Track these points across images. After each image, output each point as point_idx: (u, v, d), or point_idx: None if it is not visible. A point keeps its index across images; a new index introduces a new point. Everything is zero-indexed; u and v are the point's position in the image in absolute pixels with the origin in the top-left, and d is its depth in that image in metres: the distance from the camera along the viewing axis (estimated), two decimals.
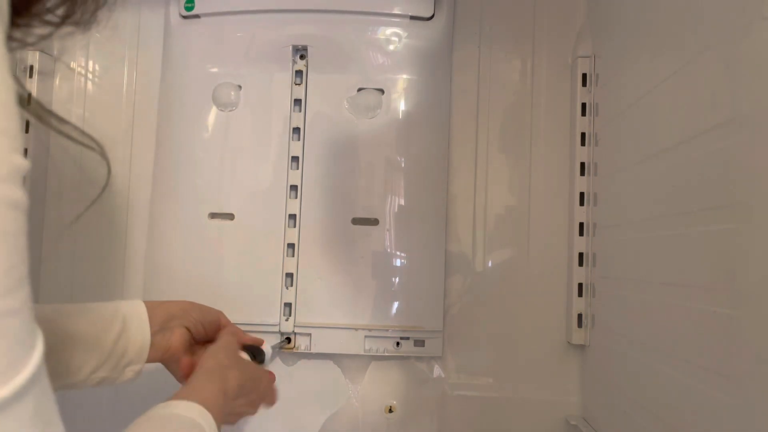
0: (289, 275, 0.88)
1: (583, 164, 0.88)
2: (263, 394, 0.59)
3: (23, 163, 0.22)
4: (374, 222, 0.88)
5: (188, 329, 0.61)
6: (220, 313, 0.66)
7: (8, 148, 0.21)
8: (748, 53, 0.47)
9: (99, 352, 0.52)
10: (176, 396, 0.45)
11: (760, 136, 0.45)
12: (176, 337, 0.59)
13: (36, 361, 0.23)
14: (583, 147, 0.89)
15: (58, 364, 0.49)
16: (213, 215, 0.90)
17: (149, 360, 0.57)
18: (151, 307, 0.58)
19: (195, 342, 0.62)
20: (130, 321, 0.56)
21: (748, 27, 0.46)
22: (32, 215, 0.92)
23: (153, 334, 0.57)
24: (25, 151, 0.92)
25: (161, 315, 0.59)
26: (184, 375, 0.58)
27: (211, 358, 0.54)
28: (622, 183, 0.75)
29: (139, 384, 0.57)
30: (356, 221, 0.89)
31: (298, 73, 0.91)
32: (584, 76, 0.89)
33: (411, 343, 0.88)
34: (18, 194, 0.22)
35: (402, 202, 0.89)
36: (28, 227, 0.23)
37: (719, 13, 0.51)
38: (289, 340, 0.87)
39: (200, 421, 0.43)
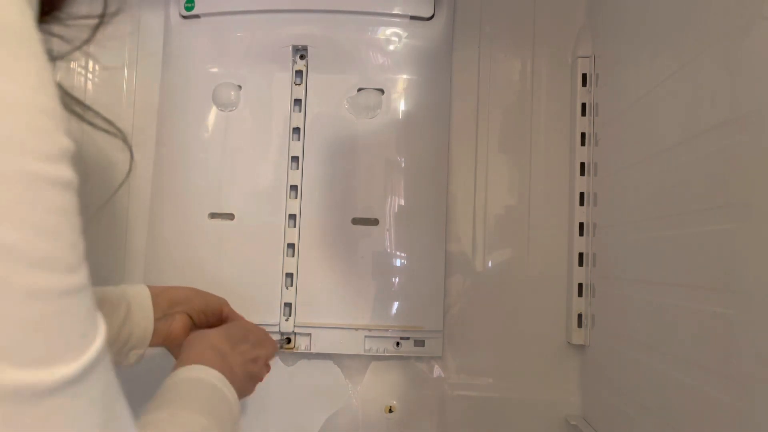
0: (289, 275, 0.88)
1: (583, 164, 0.88)
2: (258, 340, 0.60)
3: (71, 144, 0.22)
4: (374, 222, 0.88)
5: (190, 316, 0.62)
6: (223, 301, 0.68)
7: (56, 128, 0.21)
8: (748, 53, 0.47)
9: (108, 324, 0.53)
10: (177, 366, 0.47)
11: (760, 136, 0.45)
12: (178, 324, 0.61)
13: (102, 337, 0.24)
14: (583, 147, 0.89)
15: None
16: (213, 215, 0.90)
17: (152, 344, 0.58)
18: (156, 293, 0.60)
19: (197, 328, 0.64)
20: (135, 306, 0.57)
21: (748, 27, 0.46)
22: None
23: (156, 320, 0.58)
24: None
25: (164, 301, 0.60)
26: None
27: (194, 335, 0.55)
28: (622, 183, 0.75)
29: (143, 367, 0.58)
30: (356, 221, 0.89)
31: (298, 73, 0.91)
32: (584, 76, 0.89)
33: (411, 343, 0.88)
34: (69, 174, 0.22)
35: (402, 202, 0.89)
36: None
37: (719, 13, 0.51)
38: (288, 340, 0.87)
39: (206, 377, 0.45)
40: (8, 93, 0.19)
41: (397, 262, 0.89)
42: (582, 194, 0.88)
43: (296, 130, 0.90)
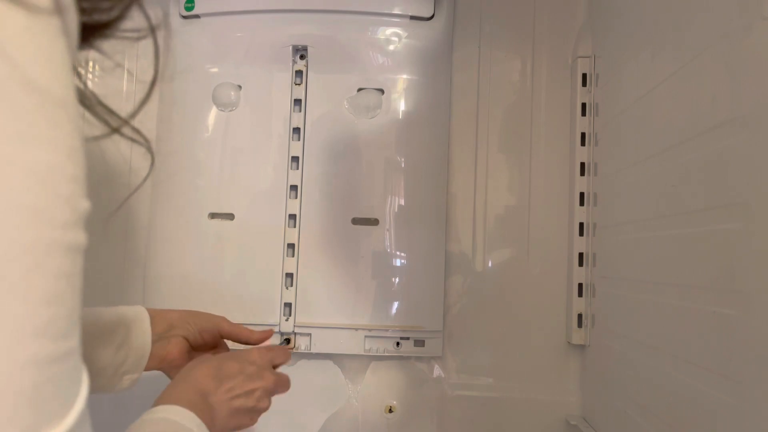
0: (289, 275, 0.88)
1: (583, 164, 0.88)
2: (257, 371, 0.57)
3: (88, 206, 0.22)
4: (374, 222, 0.88)
5: (186, 338, 0.61)
6: (221, 319, 0.65)
7: (79, 193, 0.21)
8: (748, 53, 0.47)
9: (99, 360, 0.52)
10: (156, 403, 0.45)
11: (760, 136, 0.45)
12: (174, 347, 0.59)
13: (84, 395, 0.23)
14: (583, 147, 0.89)
15: None
16: (213, 215, 0.90)
17: (147, 368, 0.57)
18: (152, 315, 0.58)
19: (194, 350, 0.62)
20: (134, 330, 0.56)
21: (748, 27, 0.46)
22: None
23: (152, 343, 0.57)
24: None
25: (161, 324, 0.58)
26: None
27: (180, 373, 0.53)
28: (622, 183, 0.75)
29: (137, 391, 0.56)
30: (356, 221, 0.89)
31: (298, 73, 0.91)
32: (584, 76, 0.89)
33: (411, 343, 0.88)
34: (81, 237, 0.22)
35: (402, 202, 0.89)
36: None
37: (719, 13, 0.51)
38: (288, 340, 0.87)
39: (180, 420, 0.43)
40: (41, 162, 0.19)
41: (397, 262, 0.89)
42: (582, 194, 0.88)
43: (296, 130, 0.90)
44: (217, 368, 0.52)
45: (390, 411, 0.90)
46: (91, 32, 0.26)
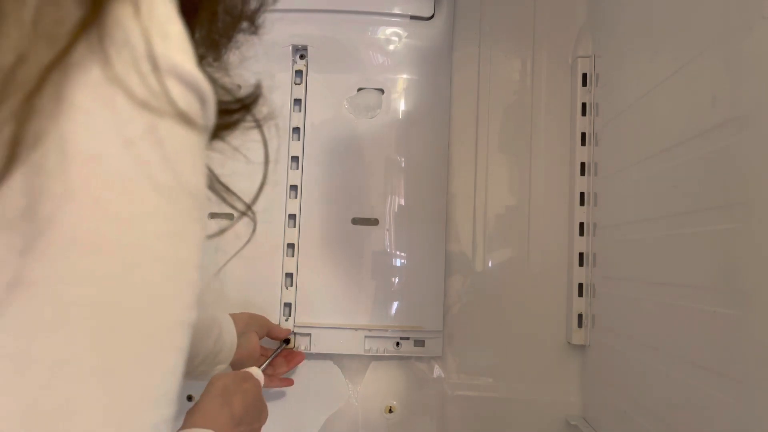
0: (289, 275, 0.88)
1: (583, 164, 0.88)
2: (264, 410, 0.68)
3: (199, 284, 0.25)
4: (374, 222, 0.88)
5: (256, 333, 0.77)
6: (266, 319, 0.82)
7: (196, 279, 0.23)
8: (749, 53, 0.47)
9: (203, 350, 0.64)
10: (192, 421, 0.52)
11: (760, 136, 0.45)
12: (255, 339, 0.75)
13: None
14: (583, 147, 0.88)
15: None
16: (213, 215, 0.89)
17: (235, 358, 0.69)
18: (232, 317, 0.72)
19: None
20: (224, 328, 0.68)
21: (748, 27, 0.46)
22: None
23: (237, 337, 0.70)
24: None
25: (239, 324, 0.71)
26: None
27: (218, 380, 0.60)
28: (623, 183, 0.75)
29: None
30: (356, 221, 0.89)
31: (298, 72, 0.91)
32: (584, 75, 0.89)
33: (411, 343, 0.88)
34: (194, 315, 0.24)
35: (402, 202, 0.89)
36: None
37: (719, 12, 0.51)
38: (288, 341, 0.87)
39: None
40: (182, 257, 0.22)
41: (397, 262, 0.89)
42: (582, 194, 0.88)
43: (296, 129, 0.90)
44: (246, 400, 0.61)
45: (390, 411, 0.90)
46: (218, 130, 0.30)
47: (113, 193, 0.19)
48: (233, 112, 0.32)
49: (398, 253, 0.89)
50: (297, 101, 0.91)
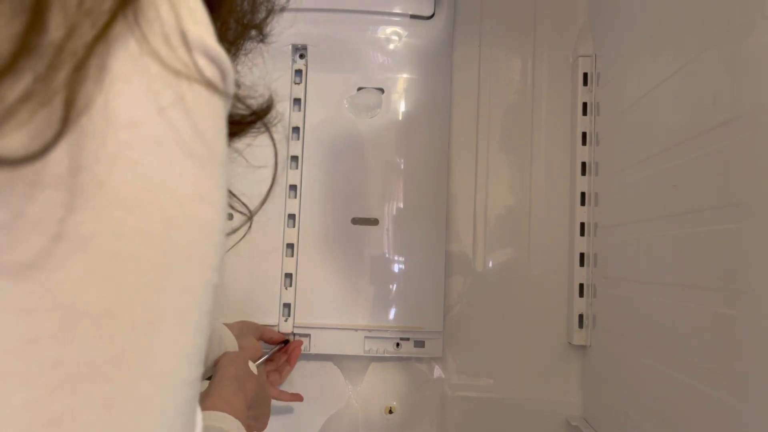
0: (289, 275, 0.88)
1: (584, 164, 0.88)
2: (267, 409, 0.70)
3: (224, 251, 0.26)
4: (374, 222, 0.88)
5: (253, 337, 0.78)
6: (254, 322, 0.83)
7: (221, 242, 0.24)
8: (749, 53, 0.46)
9: (211, 352, 0.65)
10: (210, 404, 0.53)
11: (760, 135, 0.44)
12: (254, 339, 0.76)
13: (200, 412, 0.26)
14: (584, 146, 0.88)
15: None
16: None
17: None
18: (226, 326, 0.73)
19: None
20: (223, 332, 0.69)
21: (749, 26, 0.46)
22: None
23: (237, 339, 0.71)
24: None
25: (234, 329, 0.72)
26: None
27: (231, 365, 0.62)
28: (623, 183, 0.75)
29: None
30: (356, 221, 0.88)
31: (298, 72, 0.91)
32: (585, 75, 0.89)
33: (411, 343, 0.88)
34: (219, 277, 0.25)
35: (402, 202, 0.89)
36: None
37: (720, 12, 0.51)
38: (287, 341, 0.87)
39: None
40: (208, 219, 0.23)
41: (397, 262, 0.88)
42: (583, 194, 0.88)
43: (296, 129, 0.90)
44: (257, 385, 0.64)
45: (390, 412, 0.90)
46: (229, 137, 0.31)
47: (151, 156, 0.20)
48: (247, 123, 0.35)
49: (398, 253, 0.88)
50: (297, 101, 0.91)
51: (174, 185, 0.21)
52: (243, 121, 0.34)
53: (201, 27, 0.22)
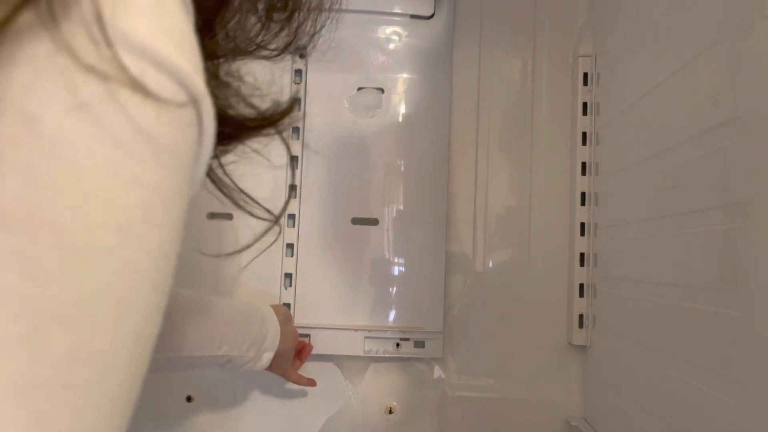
0: (288, 275, 0.88)
1: (584, 164, 0.88)
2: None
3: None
4: (374, 222, 0.88)
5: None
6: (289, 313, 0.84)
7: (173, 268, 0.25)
8: (750, 53, 0.46)
9: (251, 332, 0.67)
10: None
11: (761, 135, 0.44)
12: (295, 329, 0.77)
13: None
14: (584, 146, 0.88)
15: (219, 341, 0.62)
16: (212, 215, 0.89)
17: (281, 348, 0.70)
18: (272, 308, 0.74)
19: None
20: (266, 313, 0.70)
21: (750, 26, 0.46)
22: None
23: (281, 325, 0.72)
24: None
25: (279, 314, 0.72)
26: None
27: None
28: (624, 183, 0.75)
29: None
30: (356, 221, 0.88)
31: (298, 72, 0.91)
32: (585, 75, 0.89)
33: (411, 344, 0.88)
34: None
35: (402, 202, 0.89)
36: None
37: (720, 12, 0.51)
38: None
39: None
40: (163, 241, 0.23)
41: (397, 263, 0.88)
42: (583, 194, 0.88)
43: (295, 129, 0.90)
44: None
45: (390, 412, 0.90)
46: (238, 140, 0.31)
47: (42, 155, 0.18)
48: (256, 128, 0.33)
49: (398, 253, 0.88)
50: (296, 101, 0.90)
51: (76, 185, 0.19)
52: (248, 125, 0.32)
53: (137, 20, 0.20)
